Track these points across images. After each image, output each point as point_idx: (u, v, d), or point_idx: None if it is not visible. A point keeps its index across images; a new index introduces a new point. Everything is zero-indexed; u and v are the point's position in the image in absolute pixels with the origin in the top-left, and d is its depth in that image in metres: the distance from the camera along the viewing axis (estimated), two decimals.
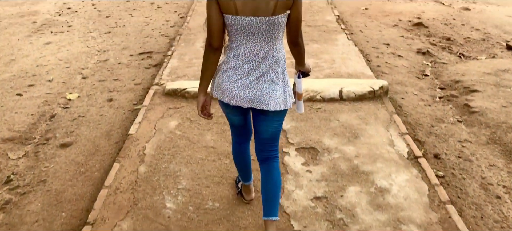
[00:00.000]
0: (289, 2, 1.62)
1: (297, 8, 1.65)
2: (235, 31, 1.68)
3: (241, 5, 1.61)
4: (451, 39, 5.04)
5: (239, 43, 1.70)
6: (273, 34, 1.67)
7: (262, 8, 1.61)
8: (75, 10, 5.89)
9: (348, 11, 5.61)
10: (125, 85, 3.74)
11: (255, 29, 1.65)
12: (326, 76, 3.63)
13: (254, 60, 1.71)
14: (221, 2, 1.61)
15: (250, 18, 1.63)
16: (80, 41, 4.81)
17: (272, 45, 1.70)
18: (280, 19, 1.63)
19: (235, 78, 1.73)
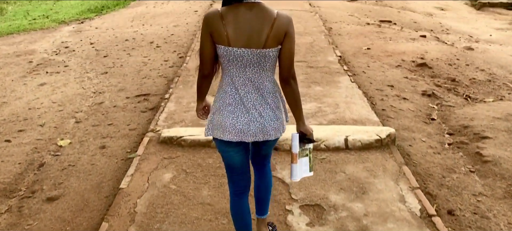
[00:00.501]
0: (280, 35, 1.65)
1: (288, 42, 1.67)
2: (227, 62, 1.69)
3: (233, 36, 1.64)
4: (456, 80, 4.92)
5: (232, 74, 1.72)
6: (264, 66, 1.69)
7: (254, 40, 1.64)
8: (72, 49, 5.81)
9: (349, 51, 5.52)
10: (119, 131, 3.57)
11: (246, 60, 1.67)
12: (330, 122, 3.47)
13: (250, 92, 1.72)
14: (213, 33, 1.65)
15: (241, 50, 1.65)
16: (76, 82, 4.69)
17: (266, 76, 1.72)
18: (271, 53, 1.66)
19: (237, 113, 1.73)
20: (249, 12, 1.65)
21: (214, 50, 1.70)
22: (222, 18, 1.64)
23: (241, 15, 1.65)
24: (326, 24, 6.70)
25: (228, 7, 1.67)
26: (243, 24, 1.65)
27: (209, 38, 1.67)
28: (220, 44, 1.66)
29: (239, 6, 1.66)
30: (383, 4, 8.55)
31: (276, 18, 1.64)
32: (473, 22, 8.26)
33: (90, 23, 7.25)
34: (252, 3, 1.66)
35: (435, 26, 7.34)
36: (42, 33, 6.72)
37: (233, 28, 1.64)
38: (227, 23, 1.64)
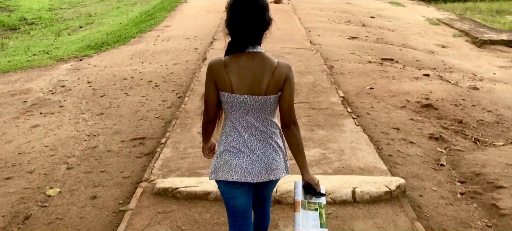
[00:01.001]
0: (280, 82, 1.76)
1: (288, 88, 1.78)
2: (230, 107, 1.79)
3: (236, 84, 1.74)
4: (463, 122, 4.76)
5: (235, 119, 1.80)
6: (266, 111, 1.79)
7: (256, 87, 1.74)
8: (69, 88, 5.68)
9: (352, 91, 5.39)
10: (112, 179, 3.38)
11: (249, 106, 1.77)
12: (336, 171, 3.28)
13: (253, 134, 1.80)
14: (217, 80, 1.76)
15: (244, 97, 1.75)
16: (70, 124, 4.52)
17: (267, 120, 1.81)
18: (272, 99, 1.77)
19: (242, 154, 1.80)
20: (251, 61, 1.75)
21: (218, 97, 1.80)
22: (226, 67, 1.75)
23: (244, 63, 1.74)
24: (327, 63, 6.61)
25: (231, 56, 1.77)
26: (245, 72, 1.74)
27: (213, 85, 1.78)
28: (224, 91, 1.76)
29: (242, 55, 1.75)
30: (384, 42, 8.51)
31: (277, 67, 1.75)
32: (476, 60, 8.19)
33: (89, 61, 7.17)
34: (253, 52, 1.76)
35: (438, 65, 7.26)
36: (39, 71, 6.62)
37: (236, 76, 1.74)
38: (230, 71, 1.74)
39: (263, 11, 1.76)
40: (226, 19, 1.78)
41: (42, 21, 19.26)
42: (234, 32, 1.76)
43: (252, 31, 1.74)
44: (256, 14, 1.73)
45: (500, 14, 20.37)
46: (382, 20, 11.12)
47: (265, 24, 1.77)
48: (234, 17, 1.74)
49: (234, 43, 1.76)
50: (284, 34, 8.36)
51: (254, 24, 1.73)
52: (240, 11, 1.72)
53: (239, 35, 1.74)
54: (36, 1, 25.40)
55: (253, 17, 1.72)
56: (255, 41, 1.77)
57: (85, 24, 18.05)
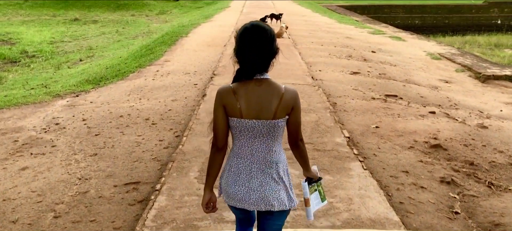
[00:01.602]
0: (288, 107, 1.85)
1: (296, 112, 1.88)
2: (238, 133, 1.87)
3: (246, 109, 1.81)
4: (475, 163, 4.53)
5: (241, 144, 1.88)
6: (273, 136, 1.86)
7: (265, 111, 1.82)
8: (63, 126, 5.48)
9: (357, 130, 5.18)
10: (102, 229, 3.12)
11: (257, 131, 1.84)
12: (344, 223, 3.03)
13: (256, 162, 1.87)
14: (227, 106, 1.85)
15: (253, 121, 1.82)
16: (61, 165, 4.29)
17: (272, 146, 1.87)
18: (280, 123, 1.84)
19: (240, 182, 1.87)
20: (259, 87, 1.84)
21: (227, 123, 1.88)
22: (234, 93, 1.84)
23: (252, 89, 1.83)
24: (330, 99, 6.44)
25: (239, 83, 1.87)
26: (254, 97, 1.82)
27: (223, 111, 1.86)
28: (233, 116, 1.85)
29: (249, 81, 1.85)
30: (386, 77, 8.37)
31: (284, 92, 1.85)
32: (480, 95, 8.03)
33: (86, 97, 7.00)
34: (261, 79, 1.85)
35: (443, 101, 7.08)
36: (34, 107, 6.44)
37: (245, 102, 1.82)
38: (239, 97, 1.83)
39: (271, 41, 1.85)
40: (235, 47, 1.88)
41: (42, 54, 19.32)
42: (242, 60, 1.85)
43: (261, 60, 1.84)
44: (264, 44, 1.83)
45: (499, 48, 20.48)
46: (383, 55, 11.05)
47: (272, 53, 1.87)
48: (243, 46, 1.84)
49: (243, 70, 1.86)
50: (285, 69, 8.25)
51: (262, 53, 1.83)
52: (249, 40, 1.83)
53: (248, 63, 1.84)
54: (38, 33, 25.65)
55: (262, 47, 1.83)
56: (263, 69, 1.86)
57: (85, 57, 18.08)
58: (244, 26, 1.88)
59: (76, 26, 28.69)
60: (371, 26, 17.65)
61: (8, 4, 33.99)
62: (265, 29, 1.86)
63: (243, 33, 1.85)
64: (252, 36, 1.82)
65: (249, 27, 1.86)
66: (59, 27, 28.24)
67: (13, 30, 26.95)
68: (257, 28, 1.85)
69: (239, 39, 1.86)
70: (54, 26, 29.02)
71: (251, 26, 1.86)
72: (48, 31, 26.79)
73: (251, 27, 1.86)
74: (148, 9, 34.60)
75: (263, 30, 1.84)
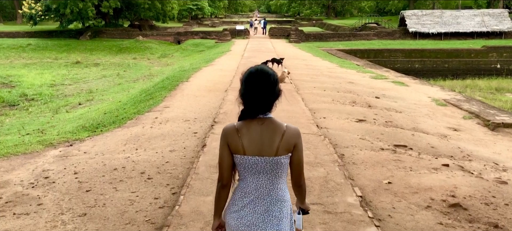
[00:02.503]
0: (290, 145, 1.94)
1: (297, 150, 1.96)
2: (243, 169, 1.96)
3: (248, 146, 1.92)
4: (499, 226, 4.14)
5: (246, 181, 1.95)
6: (277, 173, 1.93)
7: (266, 148, 1.91)
8: (53, 180, 5.11)
9: (369, 186, 4.82)
10: None
11: (260, 168, 1.92)
12: None
13: (259, 198, 1.93)
14: (230, 144, 1.95)
15: (256, 158, 1.92)
16: (46, 228, 3.90)
17: (276, 184, 1.94)
18: (282, 160, 1.93)
19: (242, 217, 1.92)
20: (261, 125, 1.96)
21: (232, 160, 1.98)
22: (238, 131, 1.95)
23: (254, 127, 1.94)
24: (337, 150, 6.10)
25: (243, 122, 1.99)
26: (256, 135, 1.93)
27: (227, 149, 1.96)
28: (237, 153, 1.95)
29: (252, 120, 1.97)
30: (393, 126, 8.08)
31: (286, 130, 1.96)
32: (492, 145, 7.70)
33: (80, 146, 6.67)
34: (263, 118, 1.97)
35: (455, 152, 6.74)
36: (24, 158, 6.09)
37: (248, 139, 1.92)
38: (242, 135, 1.94)
39: (274, 84, 1.97)
40: (240, 89, 1.99)
41: (42, 97, 19.20)
42: (247, 101, 1.96)
43: (264, 101, 1.95)
44: (268, 86, 1.95)
45: (500, 92, 20.40)
46: (387, 101, 10.82)
47: (275, 95, 1.99)
48: (248, 88, 1.95)
49: (247, 111, 1.97)
50: (288, 116, 7.97)
51: (266, 95, 1.95)
52: (253, 83, 1.94)
53: (252, 104, 1.95)
54: (39, 76, 25.70)
55: (265, 89, 1.94)
56: (266, 109, 1.98)
57: (85, 100, 17.93)
58: (249, 69, 2.00)
59: (77, 69, 28.84)
60: (373, 71, 17.59)
61: (11, 47, 34.36)
62: (268, 73, 1.98)
63: (248, 76, 1.97)
64: (256, 79, 1.94)
65: (253, 70, 1.98)
66: (61, 70, 28.38)
67: (14, 73, 27.05)
68: (261, 72, 1.97)
69: (244, 82, 1.97)
70: (55, 69, 29.19)
71: (255, 70, 1.98)
72: (49, 74, 26.88)
73: (256, 71, 1.97)
74: (149, 53, 34.94)
75: (267, 74, 1.96)
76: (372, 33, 38.25)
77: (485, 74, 28.47)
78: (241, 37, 39.38)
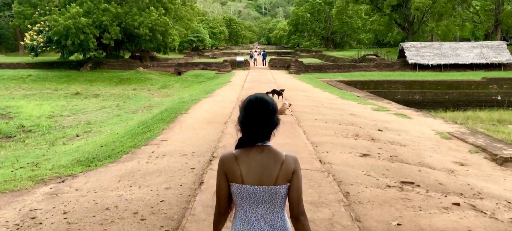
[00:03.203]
0: (289, 173, 1.95)
1: (296, 179, 1.97)
2: (241, 199, 1.96)
3: (246, 175, 1.94)
4: None
5: (245, 211, 1.95)
6: (276, 202, 1.93)
7: (266, 177, 1.93)
8: (40, 220, 4.80)
9: (377, 228, 4.50)
10: None
11: (259, 197, 1.93)
12: None
13: (262, 229, 1.91)
14: (228, 172, 1.97)
15: (254, 187, 1.93)
16: None
17: (277, 213, 1.94)
18: (281, 189, 1.94)
19: None
20: (260, 153, 1.96)
21: (229, 189, 1.97)
22: (236, 159, 1.95)
23: (253, 156, 1.94)
24: (342, 187, 5.81)
25: (241, 149, 1.98)
26: (255, 164, 1.93)
27: (224, 177, 1.97)
28: (234, 182, 1.95)
29: (251, 149, 1.97)
30: (399, 160, 7.80)
31: (285, 159, 1.96)
32: (502, 181, 7.39)
33: (72, 182, 6.37)
34: (262, 146, 1.98)
35: (464, 189, 6.44)
36: (12, 196, 5.78)
37: (246, 168, 1.92)
38: (240, 163, 1.94)
39: (273, 113, 1.99)
40: (239, 117, 2.01)
41: (39, 129, 18.97)
42: (245, 129, 1.97)
43: (263, 129, 1.96)
44: (267, 116, 1.97)
45: (502, 124, 20.19)
46: (391, 134, 10.57)
47: (274, 124, 2.01)
48: (247, 116, 1.97)
49: (245, 139, 1.97)
50: (290, 150, 7.69)
51: (265, 123, 1.96)
52: (253, 111, 1.97)
53: (250, 132, 1.96)
54: (38, 107, 25.57)
55: (264, 118, 1.96)
56: (265, 137, 1.99)
57: (82, 132, 17.68)
58: (249, 97, 2.02)
59: (77, 100, 28.77)
60: (374, 102, 17.43)
61: (12, 78, 34.42)
62: (267, 101, 2.00)
63: (247, 104, 1.99)
64: (255, 107, 1.97)
65: (253, 98, 2.01)
66: (60, 101, 28.30)
67: (13, 104, 26.94)
68: (260, 100, 1.99)
69: (243, 109, 2.00)
70: (55, 100, 29.12)
71: (255, 98, 2.01)
72: (48, 105, 26.76)
73: (255, 99, 2.00)
74: (150, 84, 34.98)
75: (266, 102, 1.99)
76: (371, 64, 38.44)
77: (486, 106, 28.37)
78: (241, 68, 39.56)
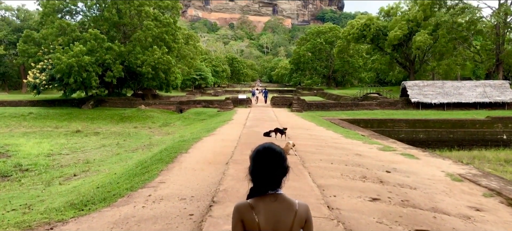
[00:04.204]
0: (302, 222, 2.08)
1: (309, 223, 2.09)
2: None
3: (264, 223, 2.03)
4: None
5: None
6: None
7: (281, 226, 2.03)
8: None
9: None
10: None
11: None
12: None
13: None
14: (245, 221, 2.05)
15: None
16: None
17: None
18: None
19: None
20: (274, 202, 2.10)
21: None
22: (252, 208, 2.09)
23: (268, 205, 2.07)
24: None
25: (255, 198, 2.13)
26: (270, 212, 2.05)
27: (241, 225, 2.07)
28: (251, 230, 2.06)
29: (265, 197, 2.11)
30: (411, 205, 7.33)
31: (298, 209, 2.11)
32: None
33: (60, 230, 5.91)
34: (275, 194, 2.13)
35: None
36: None
37: (263, 217, 2.04)
38: (257, 212, 2.07)
39: (282, 160, 2.15)
40: (250, 167, 2.17)
41: (37, 168, 18.54)
42: (256, 179, 2.13)
43: (273, 178, 2.12)
44: (276, 164, 2.12)
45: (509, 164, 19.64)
46: (400, 176, 10.12)
47: (284, 171, 2.16)
48: (256, 167, 2.13)
49: (257, 188, 2.13)
50: (296, 195, 7.25)
51: (274, 172, 2.12)
52: (262, 161, 2.12)
53: (261, 181, 2.12)
54: (37, 145, 25.21)
55: (274, 167, 2.11)
56: (276, 186, 2.14)
57: (80, 171, 17.26)
58: (257, 148, 2.13)
59: (77, 138, 28.47)
60: (379, 142, 17.03)
61: (13, 116, 34.29)
62: (276, 150, 2.11)
63: (256, 154, 2.10)
64: (264, 157, 2.08)
65: (261, 149, 2.11)
66: (60, 139, 27.99)
67: (12, 142, 26.63)
68: (269, 150, 2.10)
69: (253, 160, 2.10)
70: (55, 137, 28.83)
71: (263, 148, 2.12)
72: (47, 143, 26.43)
73: (263, 149, 2.11)
74: (151, 121, 34.76)
75: (274, 152, 2.09)
76: (374, 103, 38.29)
77: (491, 145, 27.93)
78: (243, 106, 39.46)
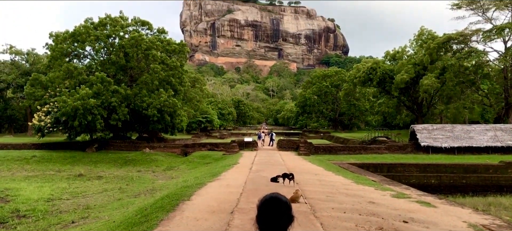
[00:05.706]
0: None
1: None
2: None
3: None
4: None
5: None
6: None
7: None
8: None
9: None
10: None
11: None
12: None
13: None
14: None
15: None
16: None
17: None
18: None
19: None
20: None
21: None
22: None
23: None
24: None
25: None
26: None
27: None
28: None
29: None
30: None
31: None
32: None
33: None
34: None
35: None
36: None
37: None
38: None
39: (288, 209, 2.37)
40: (256, 215, 2.34)
41: (35, 214, 17.85)
42: (263, 227, 2.29)
43: (279, 227, 2.26)
44: (282, 213, 2.32)
45: None
46: (418, 227, 9.35)
47: (289, 220, 2.34)
48: (263, 215, 2.31)
49: None
50: None
51: (280, 220, 2.29)
52: (268, 210, 2.31)
53: (267, 229, 2.26)
54: (38, 190, 24.56)
55: (280, 215, 2.29)
56: None
57: (79, 218, 16.54)
58: (264, 197, 2.40)
59: (79, 182, 27.84)
60: (392, 188, 16.23)
61: (16, 159, 33.88)
62: (281, 200, 2.37)
63: (262, 204, 2.35)
64: (270, 206, 2.30)
65: (268, 198, 2.37)
66: (62, 183, 27.37)
67: (13, 186, 26.03)
68: (274, 199, 2.37)
69: (260, 209, 2.32)
70: (57, 181, 28.23)
71: (270, 197, 2.39)
72: (49, 188, 25.80)
73: (270, 198, 2.37)
74: (155, 165, 34.13)
75: (280, 201, 2.35)
76: (383, 146, 37.53)
77: (507, 191, 26.81)
78: (249, 149, 38.84)
